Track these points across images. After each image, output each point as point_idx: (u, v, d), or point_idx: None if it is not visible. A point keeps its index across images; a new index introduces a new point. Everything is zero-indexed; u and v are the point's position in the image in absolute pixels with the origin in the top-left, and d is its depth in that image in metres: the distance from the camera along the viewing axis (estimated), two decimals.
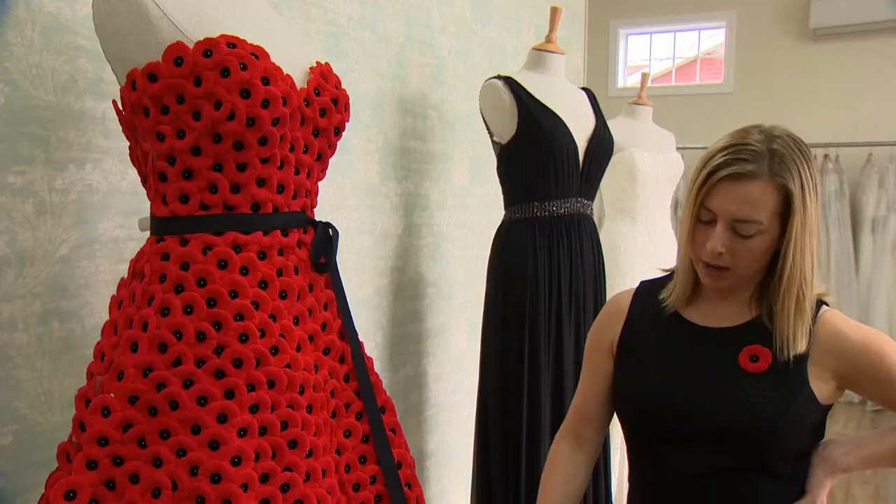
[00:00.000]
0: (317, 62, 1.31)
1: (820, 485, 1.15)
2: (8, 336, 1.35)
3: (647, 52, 6.33)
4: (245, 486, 1.07)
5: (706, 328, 1.21)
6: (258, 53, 1.14)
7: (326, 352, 1.27)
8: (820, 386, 1.14)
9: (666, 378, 1.19)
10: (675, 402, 1.17)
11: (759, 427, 1.11)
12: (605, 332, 1.32)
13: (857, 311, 5.02)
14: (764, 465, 1.13)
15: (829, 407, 1.16)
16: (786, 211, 1.09)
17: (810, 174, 1.11)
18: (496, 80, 2.20)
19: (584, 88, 2.43)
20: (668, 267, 1.33)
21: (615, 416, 1.35)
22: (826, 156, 5.21)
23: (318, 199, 1.38)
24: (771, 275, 1.15)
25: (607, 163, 2.32)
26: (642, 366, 1.23)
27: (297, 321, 1.20)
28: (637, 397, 1.22)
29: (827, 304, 1.19)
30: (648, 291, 1.30)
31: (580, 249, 2.21)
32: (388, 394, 1.43)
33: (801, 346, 1.12)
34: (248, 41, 1.15)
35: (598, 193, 2.45)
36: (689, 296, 1.23)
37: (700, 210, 1.13)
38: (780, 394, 1.12)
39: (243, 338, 1.12)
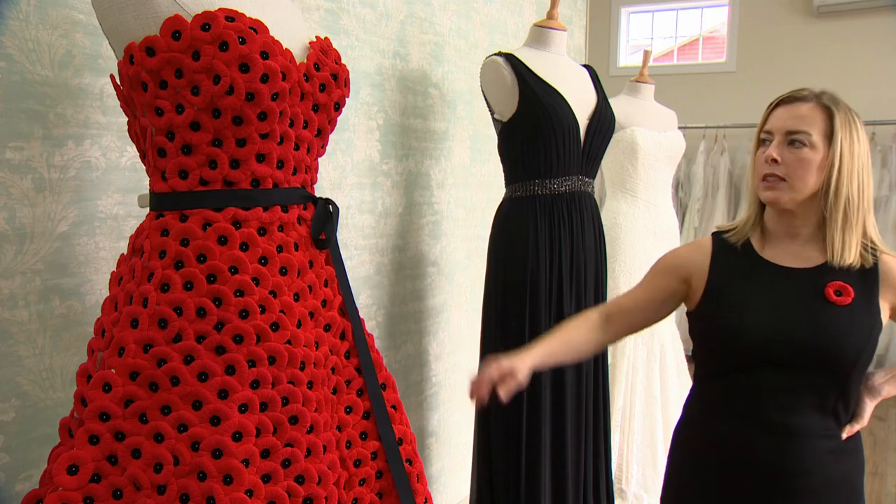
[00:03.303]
0: (316, 37, 1.30)
1: (868, 409, 1.37)
2: (9, 313, 1.35)
3: (650, 31, 6.28)
4: (246, 462, 1.07)
5: (789, 268, 1.35)
6: (257, 27, 1.13)
7: (327, 328, 1.27)
8: (884, 317, 1.34)
9: (765, 311, 1.31)
10: (777, 332, 1.29)
11: (850, 352, 1.28)
12: (684, 261, 1.43)
13: None
14: (845, 388, 1.30)
15: None
16: (831, 133, 1.30)
17: (855, 119, 1.33)
18: (497, 57, 2.18)
19: (585, 66, 2.41)
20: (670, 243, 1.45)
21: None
22: None
23: (319, 177, 1.37)
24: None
25: (609, 140, 2.31)
26: (737, 302, 1.34)
27: (297, 297, 1.20)
28: (736, 330, 1.31)
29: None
30: (722, 240, 1.43)
31: (581, 227, 2.20)
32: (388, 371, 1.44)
33: (851, 259, 1.31)
34: (247, 15, 1.14)
35: (599, 171, 2.44)
36: (764, 240, 1.39)
37: (761, 136, 1.36)
38: (864, 323, 1.30)
39: (244, 314, 1.12)
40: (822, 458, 1.30)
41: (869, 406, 1.36)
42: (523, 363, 1.36)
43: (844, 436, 1.33)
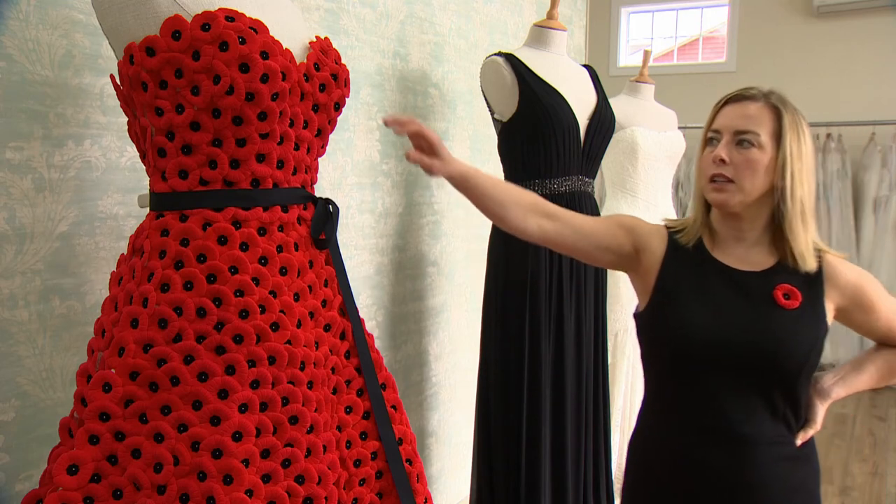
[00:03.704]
0: (316, 37, 1.30)
1: (819, 413, 1.34)
2: (9, 313, 1.35)
3: (650, 31, 6.28)
4: (246, 462, 1.07)
5: (739, 270, 1.33)
6: (257, 27, 1.13)
7: (327, 328, 1.27)
8: (829, 318, 1.33)
9: (714, 313, 1.29)
10: (726, 335, 1.27)
11: (799, 356, 1.26)
12: (644, 234, 1.40)
13: None
14: (793, 392, 1.29)
15: None
16: (780, 134, 1.29)
17: (802, 120, 1.31)
18: (497, 57, 2.18)
19: (585, 66, 2.41)
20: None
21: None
22: (828, 135, 5.17)
23: (319, 177, 1.37)
24: (781, 219, 1.31)
25: (609, 140, 2.31)
26: (688, 302, 1.31)
27: (297, 297, 1.20)
28: (686, 331, 1.29)
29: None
30: (674, 239, 1.40)
31: None
32: (388, 371, 1.44)
33: (812, 265, 1.30)
34: (247, 15, 1.14)
35: (599, 171, 2.44)
36: (714, 241, 1.37)
37: (708, 134, 1.34)
38: (811, 327, 1.28)
39: (244, 314, 1.12)
40: (777, 466, 1.28)
41: (820, 409, 1.34)
42: (452, 158, 1.32)
43: (799, 442, 1.31)
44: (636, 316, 1.41)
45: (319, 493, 1.15)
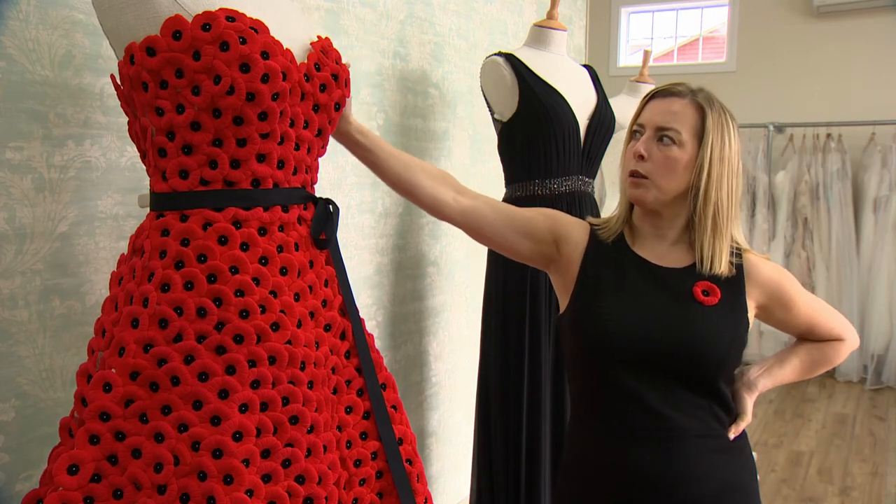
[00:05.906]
0: (318, 37, 1.30)
1: (748, 405, 1.34)
2: (9, 313, 1.35)
3: (650, 31, 6.28)
4: (246, 462, 1.07)
5: (659, 266, 1.32)
6: (257, 27, 1.13)
7: (327, 328, 1.27)
8: (750, 315, 1.32)
9: (636, 309, 1.28)
10: (647, 331, 1.25)
11: (719, 351, 1.26)
12: (565, 227, 1.38)
13: (857, 290, 5.02)
14: (715, 386, 1.28)
15: None
16: (702, 133, 1.27)
17: (730, 121, 1.30)
18: (497, 57, 2.18)
19: (585, 66, 2.41)
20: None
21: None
22: (829, 135, 5.17)
23: (319, 177, 1.37)
24: (694, 219, 1.31)
25: (609, 140, 2.31)
26: (610, 298, 1.29)
27: (297, 297, 1.20)
28: (608, 326, 1.26)
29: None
30: (595, 233, 1.39)
31: None
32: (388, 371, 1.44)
33: (720, 268, 1.29)
34: (248, 15, 1.14)
35: (599, 171, 2.44)
36: (634, 237, 1.36)
37: (633, 128, 1.33)
38: (731, 324, 1.28)
39: (244, 314, 1.12)
40: (708, 458, 1.26)
41: (749, 401, 1.34)
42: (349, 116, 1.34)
43: (732, 435, 1.30)
44: (559, 320, 1.38)
45: (319, 493, 1.15)
